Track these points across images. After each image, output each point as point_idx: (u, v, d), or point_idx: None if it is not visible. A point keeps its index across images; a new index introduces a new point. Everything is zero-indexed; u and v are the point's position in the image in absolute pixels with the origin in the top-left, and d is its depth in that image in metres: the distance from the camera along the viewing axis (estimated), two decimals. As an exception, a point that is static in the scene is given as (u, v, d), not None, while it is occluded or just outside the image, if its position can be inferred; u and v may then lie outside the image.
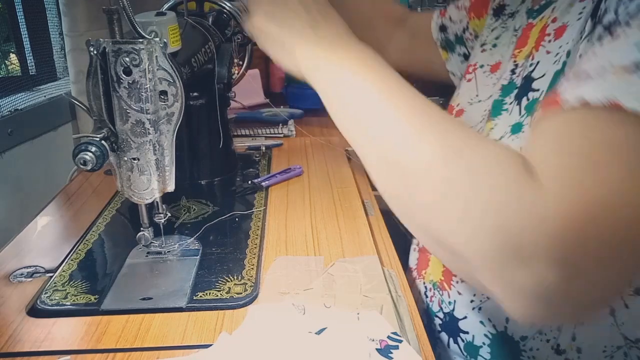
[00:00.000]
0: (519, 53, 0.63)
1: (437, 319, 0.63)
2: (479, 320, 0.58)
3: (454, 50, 0.87)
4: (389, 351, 0.44)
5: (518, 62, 0.62)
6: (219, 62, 0.78)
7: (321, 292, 0.53)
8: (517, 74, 0.61)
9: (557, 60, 0.53)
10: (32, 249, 0.63)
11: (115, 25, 0.50)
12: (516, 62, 0.62)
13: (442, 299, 0.62)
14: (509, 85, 0.61)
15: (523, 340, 0.56)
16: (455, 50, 0.86)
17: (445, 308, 0.62)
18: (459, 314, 0.61)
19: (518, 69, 0.61)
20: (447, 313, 0.62)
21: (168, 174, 0.55)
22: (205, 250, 0.62)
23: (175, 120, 0.53)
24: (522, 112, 0.55)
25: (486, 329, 0.58)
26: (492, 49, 0.73)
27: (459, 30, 0.85)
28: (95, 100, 0.51)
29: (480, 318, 0.58)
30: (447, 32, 0.86)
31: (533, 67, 0.56)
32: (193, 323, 0.50)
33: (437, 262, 0.64)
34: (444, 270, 0.63)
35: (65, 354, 0.46)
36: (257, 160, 0.91)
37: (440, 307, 0.63)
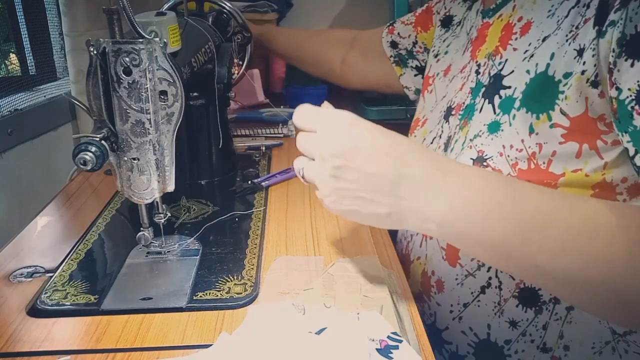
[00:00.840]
0: (478, 52, 0.64)
1: None
2: (461, 330, 0.59)
3: (407, 64, 0.90)
4: (389, 351, 0.44)
5: (480, 62, 0.62)
6: (219, 62, 0.78)
7: (321, 292, 0.53)
8: (481, 73, 0.61)
9: (527, 57, 0.54)
10: (32, 249, 0.63)
11: (115, 25, 0.50)
12: (478, 62, 0.63)
13: (422, 311, 0.62)
14: (476, 87, 0.61)
15: (507, 344, 0.56)
16: (408, 64, 0.90)
17: (427, 320, 0.62)
18: (441, 325, 0.61)
19: (482, 68, 0.61)
20: (428, 325, 0.62)
21: (168, 174, 0.55)
22: (205, 250, 0.62)
23: (175, 120, 0.53)
24: (496, 111, 0.55)
25: (468, 337, 0.58)
26: (444, 56, 0.76)
27: (409, 45, 0.89)
28: (95, 100, 0.51)
29: (461, 328, 0.59)
30: (398, 48, 0.90)
31: (502, 66, 0.57)
32: (193, 323, 0.50)
33: (416, 273, 0.64)
34: (421, 282, 0.62)
35: (65, 354, 0.46)
36: (257, 160, 0.91)
37: (422, 318, 0.62)
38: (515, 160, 0.52)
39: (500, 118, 0.54)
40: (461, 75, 0.68)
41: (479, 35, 0.65)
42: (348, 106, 0.90)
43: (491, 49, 0.60)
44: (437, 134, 0.68)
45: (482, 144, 0.55)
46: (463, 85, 0.66)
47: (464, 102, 0.63)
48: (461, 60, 0.70)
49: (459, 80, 0.68)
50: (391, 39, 0.91)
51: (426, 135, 0.71)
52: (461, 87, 0.66)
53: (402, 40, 0.89)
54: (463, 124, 0.61)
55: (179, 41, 0.60)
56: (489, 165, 0.54)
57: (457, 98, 0.66)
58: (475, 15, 0.70)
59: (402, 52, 0.90)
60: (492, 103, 0.56)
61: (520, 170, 0.52)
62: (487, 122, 0.56)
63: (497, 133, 0.54)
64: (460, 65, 0.69)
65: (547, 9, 0.54)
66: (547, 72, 0.51)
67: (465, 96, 0.63)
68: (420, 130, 0.74)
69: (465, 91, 0.64)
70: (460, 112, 0.63)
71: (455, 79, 0.69)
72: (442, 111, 0.69)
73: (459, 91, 0.66)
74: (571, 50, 0.48)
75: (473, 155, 0.55)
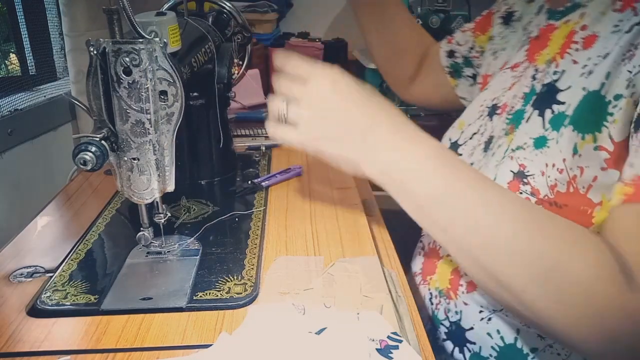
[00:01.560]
0: (538, 56, 0.60)
1: (443, 327, 0.62)
2: (487, 332, 0.57)
3: (461, 74, 0.86)
4: (389, 351, 0.44)
5: (538, 67, 0.59)
6: (219, 62, 0.78)
7: (321, 292, 0.53)
8: (537, 80, 0.58)
9: (585, 72, 0.51)
10: (32, 249, 0.63)
11: (115, 25, 0.50)
12: (536, 67, 0.59)
13: (448, 308, 0.61)
14: (530, 93, 0.58)
15: (533, 353, 0.55)
16: (463, 73, 0.86)
17: (451, 317, 0.61)
18: (466, 324, 0.59)
19: (539, 74, 0.58)
20: (453, 322, 0.61)
21: (168, 174, 0.55)
22: (205, 250, 0.62)
23: (175, 120, 0.53)
24: (545, 126, 0.52)
25: (494, 340, 0.57)
26: (501, 52, 0.73)
27: (465, 52, 0.84)
28: (95, 100, 0.51)
29: (488, 330, 0.57)
30: (455, 56, 0.86)
31: (558, 77, 0.54)
32: (193, 323, 0.50)
33: (445, 269, 0.63)
34: (451, 279, 0.61)
35: (65, 354, 0.46)
36: (257, 160, 0.91)
37: (447, 315, 0.62)
38: (555, 182, 0.50)
39: (548, 134, 0.52)
40: (512, 73, 0.64)
41: (541, 36, 0.61)
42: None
43: (551, 55, 0.57)
44: (479, 131, 0.65)
45: (525, 158, 0.53)
46: (513, 84, 0.62)
47: (514, 106, 0.60)
48: (515, 56, 0.66)
49: (508, 77, 0.64)
50: (449, 48, 0.86)
51: (464, 128, 0.69)
52: (510, 86, 0.63)
53: (459, 47, 0.85)
54: (509, 130, 0.58)
55: (179, 41, 0.60)
56: (529, 183, 0.51)
57: (505, 97, 0.63)
58: (537, 12, 0.66)
59: (459, 61, 0.85)
60: (543, 116, 0.53)
61: (558, 193, 0.50)
62: (534, 135, 0.53)
63: (543, 149, 0.52)
64: (512, 62, 0.66)
65: (614, 23, 0.51)
66: (600, 92, 0.49)
67: (516, 100, 0.60)
68: (457, 120, 0.71)
69: (517, 94, 0.60)
70: (508, 116, 0.60)
71: (504, 74, 0.66)
72: (486, 107, 0.66)
73: (507, 90, 0.63)
74: (625, 72, 0.47)
75: (514, 167, 0.53)
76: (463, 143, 0.67)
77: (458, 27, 1.32)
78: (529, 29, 0.67)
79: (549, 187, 0.50)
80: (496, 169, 0.55)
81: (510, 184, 0.52)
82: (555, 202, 0.50)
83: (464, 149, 0.66)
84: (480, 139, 0.64)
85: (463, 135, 0.68)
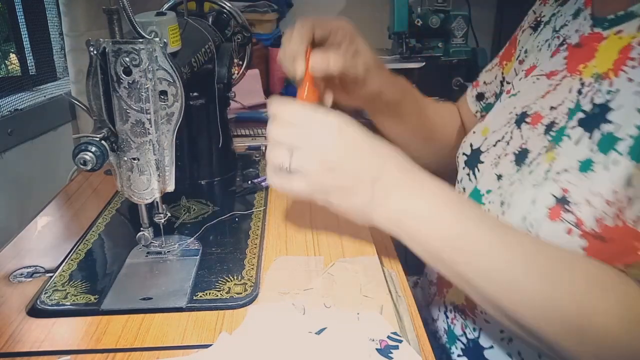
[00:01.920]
0: (583, 69, 0.54)
1: (459, 343, 0.61)
2: (507, 352, 0.56)
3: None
4: (389, 351, 0.44)
5: (584, 80, 0.53)
6: (219, 62, 0.78)
7: (321, 292, 0.53)
8: (584, 95, 0.52)
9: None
10: (32, 249, 0.63)
11: (115, 25, 0.50)
12: (582, 80, 0.54)
13: (465, 323, 0.60)
14: (575, 109, 0.53)
15: None
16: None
17: (469, 334, 0.60)
18: (485, 343, 0.58)
19: (585, 88, 0.53)
20: (471, 339, 0.60)
21: (168, 174, 0.55)
22: (205, 250, 0.62)
23: (175, 120, 0.53)
24: (593, 148, 0.48)
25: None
26: (526, 56, 0.68)
27: (497, 88, 0.78)
28: (95, 100, 0.51)
29: (508, 350, 0.56)
30: (484, 98, 0.80)
31: (611, 97, 0.49)
32: (193, 323, 0.50)
33: None
34: (466, 296, 0.59)
35: (65, 354, 0.46)
36: (257, 160, 0.91)
37: (464, 331, 0.61)
38: (602, 215, 0.45)
39: (594, 156, 0.47)
40: (548, 81, 0.59)
41: (585, 46, 0.56)
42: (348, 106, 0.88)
43: (601, 70, 0.52)
44: (503, 138, 0.60)
45: (568, 182, 0.48)
46: (547, 93, 0.57)
47: (554, 120, 0.55)
48: (549, 62, 0.60)
49: (543, 85, 0.59)
50: (477, 92, 0.80)
51: (488, 135, 0.64)
52: (544, 94, 0.58)
53: (488, 87, 0.78)
54: (549, 147, 0.53)
55: (179, 41, 0.60)
56: (572, 211, 0.47)
57: (537, 105, 0.58)
58: (575, 15, 0.61)
59: (490, 100, 0.78)
60: (591, 137, 0.49)
61: (604, 227, 0.46)
62: (580, 157, 0.49)
63: (587, 173, 0.47)
64: (547, 68, 0.60)
65: None
66: None
67: (556, 113, 0.55)
68: (481, 125, 0.66)
69: (556, 107, 0.55)
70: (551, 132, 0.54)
71: (538, 81, 0.60)
72: (513, 113, 0.61)
73: (541, 98, 0.58)
74: None
75: (556, 192, 0.49)
76: (485, 150, 0.62)
77: (458, 27, 1.32)
78: (563, 32, 0.62)
79: (595, 219, 0.46)
80: (535, 190, 0.51)
81: (552, 209, 0.48)
82: (600, 235, 0.46)
83: (487, 156, 0.62)
84: (506, 147, 0.59)
85: (486, 142, 0.63)
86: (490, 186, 0.58)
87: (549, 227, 0.48)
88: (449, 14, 1.31)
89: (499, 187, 0.56)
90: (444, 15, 1.31)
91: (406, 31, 1.28)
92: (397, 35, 1.30)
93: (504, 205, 0.54)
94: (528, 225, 0.49)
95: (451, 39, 1.32)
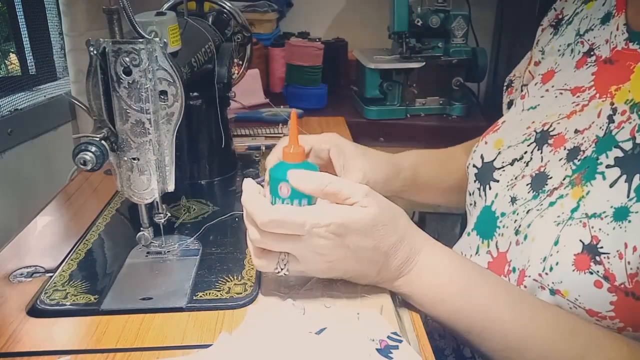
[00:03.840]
0: (617, 92, 0.49)
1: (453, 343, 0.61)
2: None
3: None
4: (389, 351, 0.44)
5: (617, 106, 0.49)
6: (219, 62, 0.78)
7: (321, 292, 0.53)
8: (617, 124, 0.48)
9: None
10: (32, 249, 0.63)
11: (115, 25, 0.50)
12: (614, 105, 0.49)
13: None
14: (605, 139, 0.48)
15: None
16: None
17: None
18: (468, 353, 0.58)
19: (617, 115, 0.48)
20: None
21: (168, 174, 0.55)
22: (205, 250, 0.62)
23: (175, 120, 0.53)
24: (630, 195, 0.44)
25: None
26: (542, 59, 0.64)
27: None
28: (95, 100, 0.51)
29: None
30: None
31: None
32: (193, 323, 0.50)
33: None
34: None
35: (65, 354, 0.46)
36: (257, 160, 0.91)
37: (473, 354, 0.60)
38: (636, 271, 0.42)
39: (632, 205, 0.43)
40: (573, 98, 0.54)
41: (617, 63, 0.51)
42: (348, 106, 0.88)
43: (638, 99, 0.47)
44: (522, 158, 0.57)
45: (600, 229, 0.44)
46: (572, 113, 0.53)
47: (580, 147, 0.50)
48: (573, 74, 0.56)
49: (566, 102, 0.55)
50: (509, 99, 0.74)
51: (502, 149, 0.60)
52: (569, 114, 0.53)
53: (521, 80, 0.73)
54: (576, 180, 0.48)
55: (179, 41, 0.60)
56: (602, 263, 0.43)
57: (561, 126, 0.54)
58: (603, 20, 0.55)
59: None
60: (630, 182, 0.44)
61: (637, 283, 0.42)
62: (615, 203, 0.44)
63: (623, 223, 0.43)
64: (571, 82, 0.56)
65: None
66: None
67: (582, 139, 0.51)
68: (494, 135, 0.62)
69: (582, 130, 0.51)
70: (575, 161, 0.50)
71: (561, 96, 0.56)
72: (534, 130, 0.56)
73: (565, 118, 0.54)
74: None
75: (585, 237, 0.45)
76: (500, 167, 0.58)
77: (458, 27, 1.32)
78: (589, 38, 0.57)
79: (628, 275, 0.42)
80: (558, 230, 0.47)
81: (579, 257, 0.45)
82: (633, 292, 0.43)
83: (502, 175, 0.58)
84: (524, 168, 0.56)
85: (500, 157, 0.59)
86: (505, 209, 0.55)
87: (575, 278, 0.45)
88: (449, 13, 1.31)
89: (514, 212, 0.54)
90: (444, 15, 1.31)
91: (406, 31, 1.28)
92: (397, 35, 1.30)
93: (519, 234, 0.51)
94: (547, 268, 0.47)
95: (451, 39, 1.32)
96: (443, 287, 0.49)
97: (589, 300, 0.44)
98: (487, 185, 0.59)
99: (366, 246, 0.47)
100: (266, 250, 0.49)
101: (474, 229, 0.60)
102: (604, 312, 0.44)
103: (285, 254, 0.49)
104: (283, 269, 0.49)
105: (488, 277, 0.50)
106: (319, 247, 0.46)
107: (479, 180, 0.61)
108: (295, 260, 0.49)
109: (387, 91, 1.28)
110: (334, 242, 0.46)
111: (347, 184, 0.48)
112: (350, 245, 0.47)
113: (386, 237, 0.48)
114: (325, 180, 0.48)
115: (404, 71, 1.27)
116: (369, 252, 0.48)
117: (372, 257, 0.49)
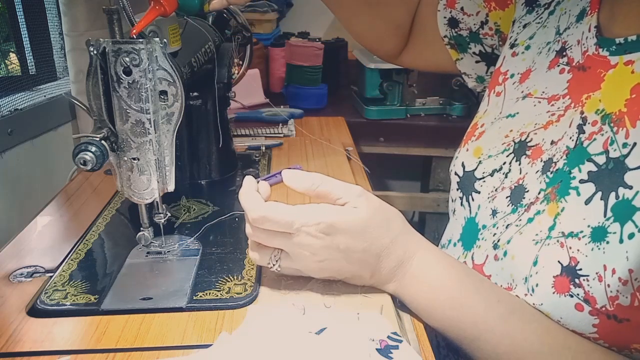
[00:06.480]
0: (586, 100, 0.48)
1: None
2: None
3: (467, 49, 0.71)
4: (389, 351, 0.44)
5: (587, 114, 0.47)
6: (219, 62, 0.78)
7: (321, 292, 0.53)
8: (587, 135, 0.46)
9: None
10: (32, 249, 0.63)
11: (115, 25, 0.50)
12: (584, 114, 0.47)
13: None
14: (577, 151, 0.46)
15: None
16: (469, 49, 0.71)
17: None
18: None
19: (588, 126, 0.46)
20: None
21: (168, 174, 0.55)
22: (205, 250, 0.62)
23: (175, 120, 0.53)
24: (607, 214, 0.42)
25: None
26: (524, 52, 0.60)
27: (474, 25, 0.68)
28: (95, 100, 0.51)
29: None
30: (458, 28, 0.70)
31: (628, 150, 0.42)
32: (193, 323, 0.50)
33: None
34: None
35: (65, 354, 0.46)
36: (257, 160, 0.91)
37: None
38: (616, 294, 0.41)
39: (609, 226, 0.41)
40: (548, 107, 0.53)
41: (589, 71, 0.49)
42: (348, 106, 0.88)
43: (610, 110, 0.45)
44: (501, 169, 0.55)
45: (578, 250, 0.43)
46: (549, 123, 0.52)
47: (552, 157, 0.49)
48: (544, 75, 0.55)
49: (542, 112, 0.53)
50: (450, 15, 0.70)
51: (482, 157, 0.58)
52: (546, 124, 0.52)
53: (465, 17, 0.68)
54: (551, 196, 0.47)
55: (179, 41, 0.60)
56: (581, 285, 0.42)
57: (538, 137, 0.52)
58: (579, 18, 0.54)
59: (464, 34, 0.69)
60: (606, 200, 0.42)
61: (618, 306, 0.41)
62: (592, 222, 0.42)
63: (601, 244, 0.41)
64: (547, 87, 0.54)
65: None
66: None
67: (554, 150, 0.49)
68: (474, 143, 0.61)
69: (555, 141, 0.50)
70: (548, 174, 0.49)
71: (539, 105, 0.54)
72: (512, 140, 0.55)
73: (542, 128, 0.52)
74: None
75: (563, 259, 0.44)
76: (481, 178, 0.57)
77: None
78: (565, 38, 0.55)
79: (609, 297, 0.41)
80: (537, 249, 0.46)
81: (558, 279, 0.44)
82: (614, 315, 0.41)
83: (482, 186, 0.57)
84: (503, 180, 0.54)
85: (481, 167, 0.58)
86: (486, 221, 0.55)
87: (555, 300, 0.44)
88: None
89: (494, 225, 0.53)
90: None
91: (406, 31, 1.28)
92: (397, 35, 1.30)
93: (498, 248, 0.51)
94: (530, 289, 0.46)
95: (451, 39, 1.33)
96: (435, 295, 0.49)
97: (571, 323, 0.44)
98: (470, 197, 0.59)
99: (356, 247, 0.48)
100: (261, 244, 0.51)
101: (460, 239, 0.60)
102: (587, 334, 0.44)
103: (278, 250, 0.51)
104: (275, 265, 0.51)
105: (481, 286, 0.50)
106: (308, 246, 0.48)
107: (461, 189, 0.61)
108: (288, 257, 0.50)
109: (387, 91, 1.28)
110: (323, 242, 0.47)
111: (339, 184, 0.49)
112: (340, 246, 0.48)
113: (378, 239, 0.49)
114: (317, 180, 0.49)
115: (404, 71, 1.27)
116: (359, 253, 0.49)
117: (363, 258, 0.49)
